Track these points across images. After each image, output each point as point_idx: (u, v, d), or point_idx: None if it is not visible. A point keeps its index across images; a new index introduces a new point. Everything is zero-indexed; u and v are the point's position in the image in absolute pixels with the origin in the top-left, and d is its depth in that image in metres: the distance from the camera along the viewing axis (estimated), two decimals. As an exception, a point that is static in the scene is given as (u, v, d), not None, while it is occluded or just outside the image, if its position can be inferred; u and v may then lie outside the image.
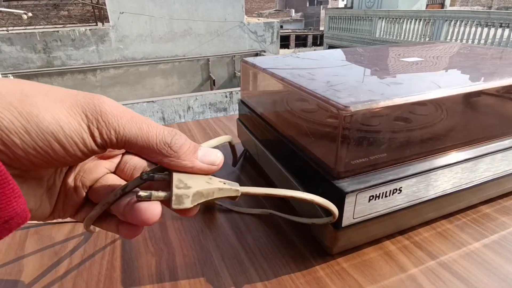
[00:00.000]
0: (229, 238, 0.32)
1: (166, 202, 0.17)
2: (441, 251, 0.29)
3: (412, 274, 0.27)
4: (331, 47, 9.38)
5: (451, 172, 0.28)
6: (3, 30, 4.76)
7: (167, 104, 3.75)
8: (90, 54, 5.51)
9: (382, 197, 0.26)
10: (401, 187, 0.26)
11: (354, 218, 0.26)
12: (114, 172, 0.21)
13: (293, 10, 17.98)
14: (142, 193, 0.16)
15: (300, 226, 0.33)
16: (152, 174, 0.17)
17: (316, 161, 0.27)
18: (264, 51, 6.71)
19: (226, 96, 3.85)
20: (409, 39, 6.57)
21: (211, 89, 5.96)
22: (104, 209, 0.18)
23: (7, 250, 0.31)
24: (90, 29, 5.46)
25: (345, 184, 0.25)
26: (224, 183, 0.18)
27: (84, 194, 0.19)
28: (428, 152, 0.28)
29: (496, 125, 0.30)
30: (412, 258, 0.28)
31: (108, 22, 5.65)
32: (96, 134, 0.15)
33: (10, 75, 4.54)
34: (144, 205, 0.16)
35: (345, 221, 0.25)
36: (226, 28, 6.47)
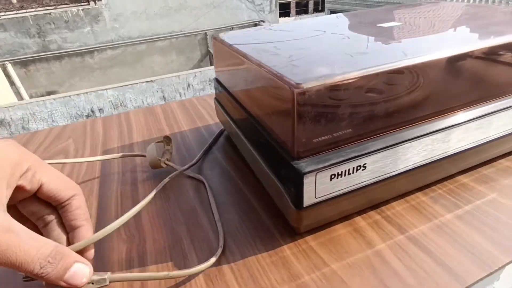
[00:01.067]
0: (201, 221, 0.32)
1: None
2: (411, 225, 0.29)
3: (379, 249, 0.27)
4: (332, 12, 9.00)
5: (420, 145, 0.27)
6: (-5, 16, 4.66)
7: (167, 83, 3.70)
8: (86, 36, 5.39)
9: (345, 175, 0.25)
10: (365, 164, 0.25)
11: (316, 198, 0.25)
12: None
13: (292, -25, 17.09)
14: None
15: (272, 205, 0.32)
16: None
17: (277, 141, 0.27)
18: (263, 21, 6.47)
19: (225, 71, 3.77)
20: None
21: (211, 65, 5.84)
22: None
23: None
24: (82, 9, 5.29)
25: (303, 165, 0.24)
26: (92, 283, 0.21)
27: None
28: (395, 126, 0.26)
29: (468, 92, 0.29)
30: (381, 233, 0.28)
31: (100, 0, 5.47)
32: None
33: (7, 62, 4.51)
34: None
35: (307, 201, 0.25)
36: (222, -1, 6.22)
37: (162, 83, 4.14)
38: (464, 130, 0.29)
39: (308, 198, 0.25)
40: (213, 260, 0.27)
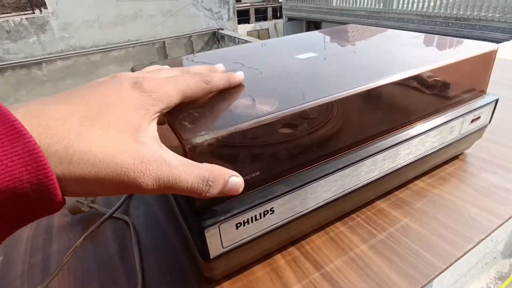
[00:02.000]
0: (116, 273, 0.30)
1: None
2: (328, 260, 0.29)
3: (293, 291, 0.27)
4: (290, 19, 9.26)
5: (328, 182, 0.28)
6: None
7: (123, 94, 3.55)
8: (31, 46, 5.04)
9: (252, 222, 0.25)
10: (272, 208, 0.25)
11: (224, 247, 0.24)
12: None
13: (250, -18, 17.36)
14: None
15: (193, 251, 0.31)
16: None
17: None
18: (222, 29, 6.48)
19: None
20: (365, 6, 6.61)
21: (170, 74, 5.70)
22: None
23: None
24: (26, 18, 4.95)
25: (204, 217, 0.23)
26: None
27: None
28: (300, 166, 0.26)
29: (370, 127, 0.30)
30: (298, 272, 0.28)
31: (47, 8, 5.15)
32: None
33: None
34: None
35: (214, 252, 0.24)
36: (179, 7, 6.14)
37: (118, 95, 3.94)
38: (371, 162, 0.30)
39: (215, 250, 0.24)
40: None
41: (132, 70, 0.37)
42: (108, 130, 0.17)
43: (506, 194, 0.35)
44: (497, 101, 0.38)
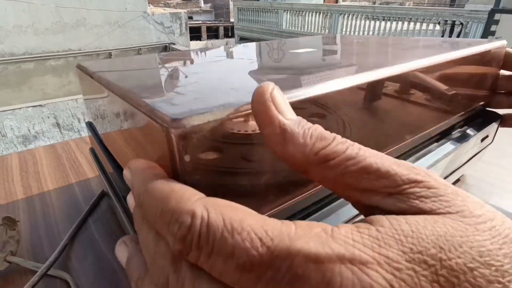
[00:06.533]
0: None
1: None
2: None
3: None
4: (242, 39, 9.46)
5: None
6: None
7: (61, 107, 3.22)
8: None
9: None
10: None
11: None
12: None
13: (202, 1, 17.56)
14: None
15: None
16: None
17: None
18: (174, 44, 6.32)
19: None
20: (312, 31, 7.02)
21: (117, 87, 5.37)
22: None
23: None
24: None
25: None
26: None
27: None
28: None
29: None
30: None
31: (-30, 9, 4.54)
32: None
33: None
34: None
35: None
36: (127, 18, 5.86)
37: (55, 108, 3.61)
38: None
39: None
40: None
41: (80, 68, 0.27)
42: None
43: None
44: (501, 118, 0.35)
